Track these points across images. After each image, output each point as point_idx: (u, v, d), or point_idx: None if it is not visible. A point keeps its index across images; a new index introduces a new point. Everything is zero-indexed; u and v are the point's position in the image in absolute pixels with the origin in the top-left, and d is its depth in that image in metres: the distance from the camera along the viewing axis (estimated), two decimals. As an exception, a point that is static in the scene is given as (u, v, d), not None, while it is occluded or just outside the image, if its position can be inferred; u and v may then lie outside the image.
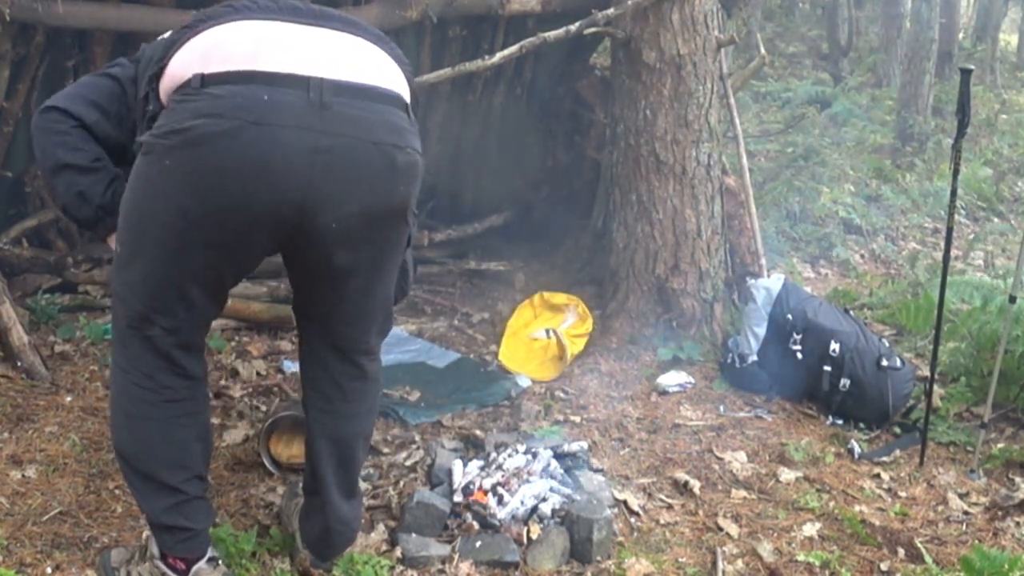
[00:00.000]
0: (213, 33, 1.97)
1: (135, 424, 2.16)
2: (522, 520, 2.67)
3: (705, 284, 4.19)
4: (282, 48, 1.91)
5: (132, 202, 2.01)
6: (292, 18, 1.98)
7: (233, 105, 1.84)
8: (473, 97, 5.06)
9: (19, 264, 4.09)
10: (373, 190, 1.95)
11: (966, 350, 3.92)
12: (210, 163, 1.87)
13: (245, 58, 1.89)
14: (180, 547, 2.22)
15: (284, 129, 1.83)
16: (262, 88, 1.84)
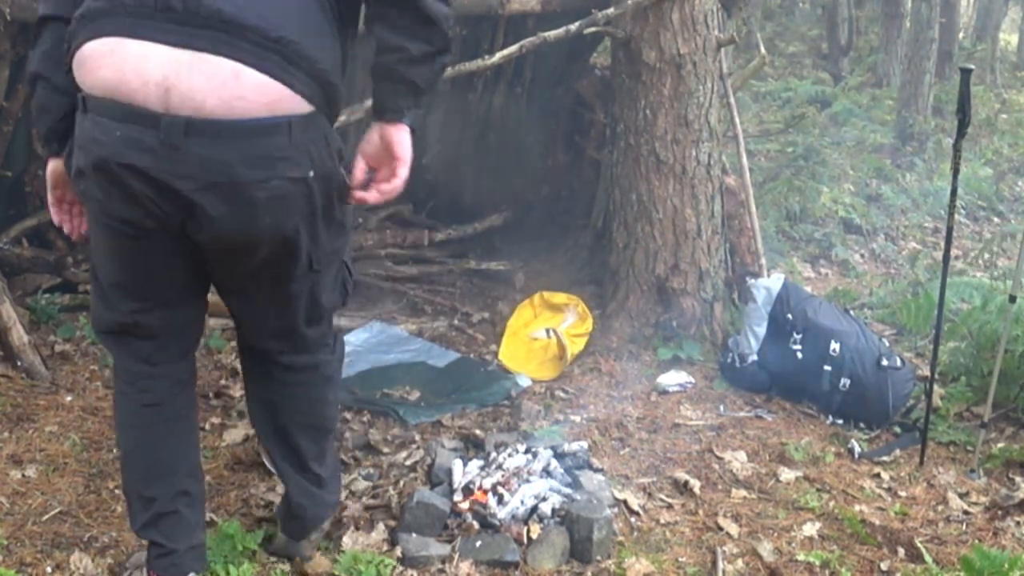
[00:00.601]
0: (92, 45, 1.78)
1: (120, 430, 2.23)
2: (522, 520, 2.67)
3: (705, 284, 4.19)
4: (142, 73, 1.72)
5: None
6: (161, 34, 1.73)
7: (90, 138, 1.80)
8: (473, 97, 5.06)
9: (19, 264, 4.09)
10: (230, 225, 1.87)
11: (966, 350, 3.92)
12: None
13: (109, 84, 1.76)
14: (157, 563, 2.20)
15: (132, 170, 1.77)
16: (115, 123, 1.76)
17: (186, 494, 2.21)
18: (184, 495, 2.21)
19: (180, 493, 2.19)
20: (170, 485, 2.18)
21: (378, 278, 4.89)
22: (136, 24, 1.72)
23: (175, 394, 2.19)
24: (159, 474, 2.17)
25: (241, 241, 1.92)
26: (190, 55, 1.71)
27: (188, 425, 2.26)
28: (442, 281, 5.12)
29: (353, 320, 4.41)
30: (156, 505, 2.16)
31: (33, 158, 4.21)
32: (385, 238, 5.04)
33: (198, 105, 1.71)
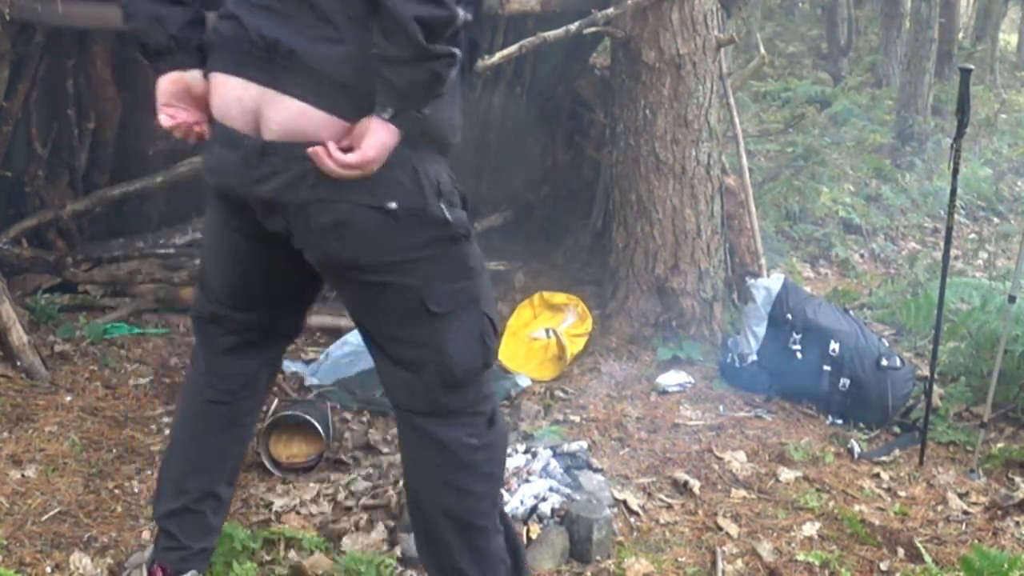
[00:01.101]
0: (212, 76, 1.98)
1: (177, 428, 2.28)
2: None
3: (705, 284, 4.19)
4: (240, 103, 1.90)
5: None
6: (254, 71, 1.89)
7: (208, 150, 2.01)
8: (473, 97, 5.05)
9: (19, 264, 4.08)
10: (309, 243, 1.94)
11: (966, 350, 3.92)
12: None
13: (219, 111, 1.95)
14: (166, 555, 2.20)
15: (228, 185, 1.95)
16: (221, 144, 1.94)
17: (216, 498, 2.23)
18: (214, 498, 2.22)
19: (212, 495, 2.21)
20: (207, 484, 2.20)
21: (378, 278, 4.89)
22: (238, 62, 1.89)
23: (241, 398, 2.21)
24: (200, 471, 2.20)
25: (323, 262, 1.96)
26: (272, 93, 1.84)
27: (243, 433, 2.28)
28: (442, 281, 5.11)
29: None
30: (186, 499, 2.18)
31: (33, 158, 4.22)
32: (385, 238, 5.04)
33: (274, 132, 1.84)
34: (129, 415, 3.33)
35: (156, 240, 4.42)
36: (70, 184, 4.37)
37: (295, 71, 1.82)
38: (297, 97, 1.82)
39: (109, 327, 4.01)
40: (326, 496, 2.84)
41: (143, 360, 3.84)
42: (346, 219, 1.86)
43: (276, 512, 2.74)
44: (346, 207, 1.85)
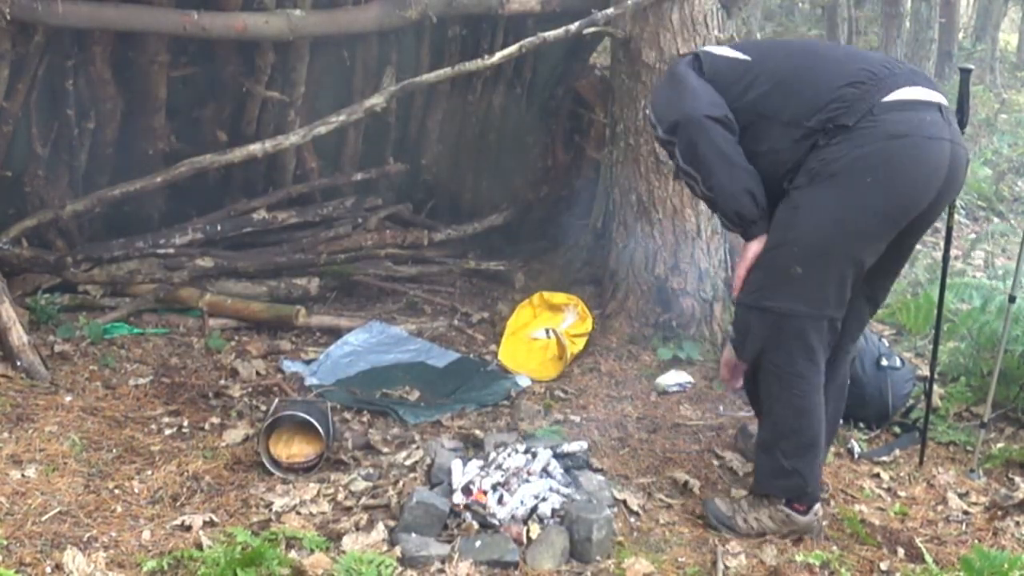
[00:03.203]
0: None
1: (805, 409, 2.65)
2: (522, 520, 2.67)
3: (705, 284, 4.19)
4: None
5: (828, 223, 2.51)
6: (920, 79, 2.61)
7: (911, 124, 2.48)
8: (473, 97, 5.06)
9: (19, 264, 4.09)
10: (957, 184, 2.62)
11: (966, 350, 3.92)
12: (918, 169, 2.49)
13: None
14: (806, 497, 2.70)
15: (942, 141, 2.48)
16: (922, 111, 2.49)
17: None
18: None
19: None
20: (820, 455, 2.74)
21: (378, 278, 4.89)
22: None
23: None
24: (824, 430, 2.71)
25: (948, 201, 2.69)
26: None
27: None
28: (442, 281, 5.12)
29: (353, 320, 4.41)
30: (817, 459, 2.70)
31: (33, 158, 4.22)
32: (385, 238, 5.05)
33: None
34: (129, 415, 3.33)
35: (156, 240, 4.43)
36: (70, 184, 4.38)
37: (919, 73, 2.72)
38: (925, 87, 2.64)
39: (109, 327, 4.02)
40: (326, 496, 2.84)
41: (143, 360, 3.84)
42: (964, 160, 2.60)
43: (276, 512, 2.74)
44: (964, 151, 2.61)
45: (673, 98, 2.67)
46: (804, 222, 2.53)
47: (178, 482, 2.89)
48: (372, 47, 4.57)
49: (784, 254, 2.56)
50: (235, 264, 4.53)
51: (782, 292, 2.57)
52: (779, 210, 2.61)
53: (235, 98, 4.51)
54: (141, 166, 4.37)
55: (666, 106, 2.68)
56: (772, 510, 2.72)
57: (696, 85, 2.63)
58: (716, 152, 2.58)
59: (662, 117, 2.67)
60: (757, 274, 2.63)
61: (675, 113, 2.62)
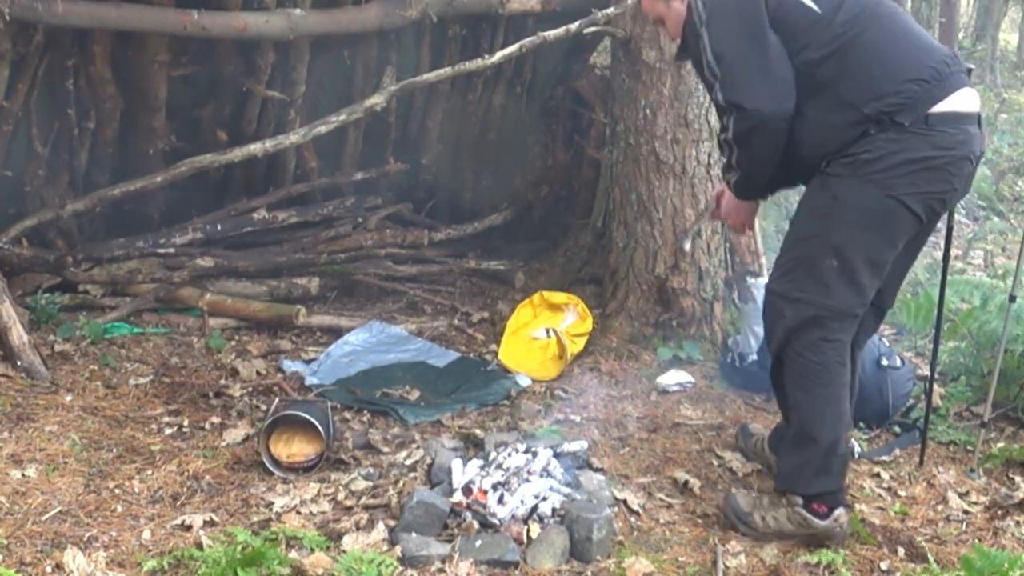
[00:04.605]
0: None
1: (831, 399, 2.65)
2: (522, 519, 2.67)
3: (705, 283, 4.19)
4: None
5: (868, 220, 2.52)
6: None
7: (958, 141, 2.50)
8: (473, 96, 5.06)
9: (19, 263, 4.09)
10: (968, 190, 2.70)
11: (966, 349, 3.92)
12: (950, 182, 2.53)
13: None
14: (829, 497, 2.65)
15: (975, 157, 2.56)
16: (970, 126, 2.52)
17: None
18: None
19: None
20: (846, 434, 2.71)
21: (378, 278, 4.89)
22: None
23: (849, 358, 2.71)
24: (846, 425, 2.71)
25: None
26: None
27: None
28: (442, 281, 5.12)
29: (353, 320, 4.41)
30: (841, 454, 2.66)
31: (33, 158, 4.22)
32: (385, 238, 5.05)
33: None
34: (129, 415, 3.33)
35: (156, 240, 4.43)
36: (70, 184, 4.38)
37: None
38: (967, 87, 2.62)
39: (109, 327, 4.02)
40: (326, 496, 2.84)
41: (143, 360, 3.84)
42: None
43: (276, 512, 2.74)
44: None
45: (742, 50, 2.49)
46: (843, 216, 2.51)
47: (178, 482, 2.89)
48: (372, 47, 4.57)
49: (821, 246, 2.54)
50: (235, 264, 4.53)
51: (816, 284, 2.56)
52: (814, 194, 2.59)
53: (235, 98, 4.52)
54: (141, 166, 4.37)
55: (732, 52, 2.49)
56: (791, 511, 2.69)
57: (773, 53, 2.48)
58: (765, 154, 2.56)
59: (719, 48, 2.49)
60: (790, 263, 2.63)
61: (744, 86, 2.47)
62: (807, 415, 2.67)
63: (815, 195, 2.59)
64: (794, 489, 2.69)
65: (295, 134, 4.03)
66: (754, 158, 2.58)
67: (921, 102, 2.45)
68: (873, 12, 2.53)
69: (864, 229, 2.53)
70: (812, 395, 2.65)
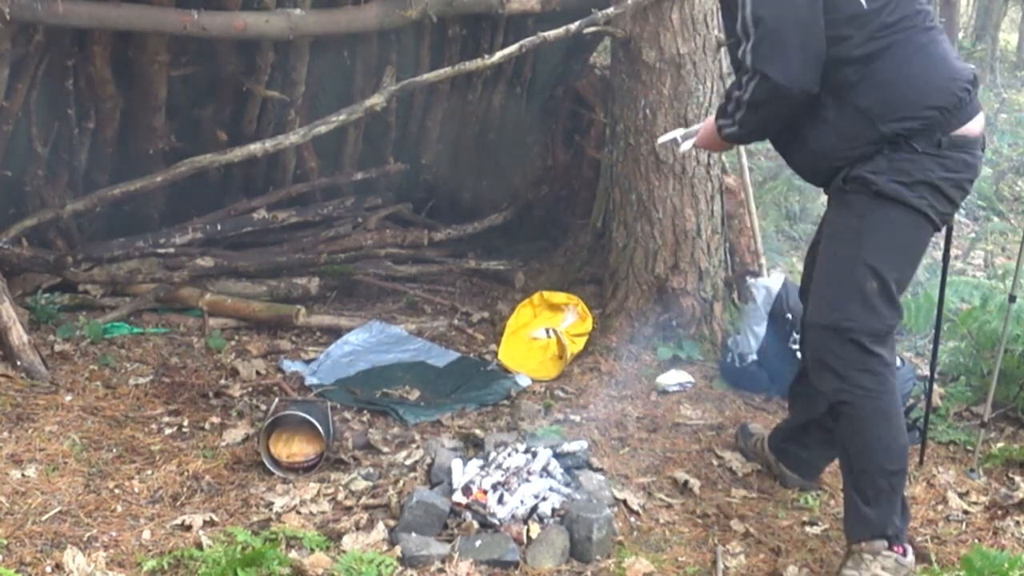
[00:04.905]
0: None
1: (895, 428, 2.51)
2: (522, 519, 2.67)
3: (705, 283, 4.19)
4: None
5: (901, 237, 2.48)
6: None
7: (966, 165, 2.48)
8: (473, 96, 5.06)
9: (19, 263, 4.09)
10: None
11: (966, 349, 3.92)
12: (955, 203, 2.52)
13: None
14: (903, 536, 2.49)
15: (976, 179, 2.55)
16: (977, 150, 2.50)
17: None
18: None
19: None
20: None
21: (378, 278, 4.89)
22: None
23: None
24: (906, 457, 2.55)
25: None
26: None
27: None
28: (442, 281, 5.12)
29: (353, 320, 4.41)
30: (900, 489, 2.49)
31: (33, 158, 4.22)
32: (385, 238, 5.05)
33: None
34: (129, 415, 3.34)
35: (156, 240, 4.43)
36: (70, 184, 4.38)
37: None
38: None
39: (109, 327, 4.02)
40: (326, 496, 2.84)
41: (143, 360, 3.84)
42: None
43: (276, 512, 2.74)
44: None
45: (786, 21, 2.37)
46: (875, 235, 2.45)
47: (178, 482, 2.89)
48: (372, 47, 4.57)
49: (859, 270, 2.45)
50: (235, 264, 4.53)
51: (863, 308, 2.46)
52: (838, 216, 2.54)
53: (235, 98, 4.52)
54: (141, 166, 4.37)
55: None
56: (882, 559, 2.44)
57: (815, 33, 2.38)
58: (773, 124, 2.54)
59: (761, 10, 2.37)
60: (830, 292, 2.53)
61: (777, 58, 2.37)
62: (885, 449, 2.48)
63: (840, 217, 2.53)
64: (884, 534, 2.45)
65: (295, 134, 4.03)
66: (760, 124, 2.55)
67: (938, 128, 2.42)
68: (911, 23, 2.45)
69: (895, 245, 2.48)
70: (889, 427, 2.50)
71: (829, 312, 2.51)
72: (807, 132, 2.51)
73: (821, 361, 2.56)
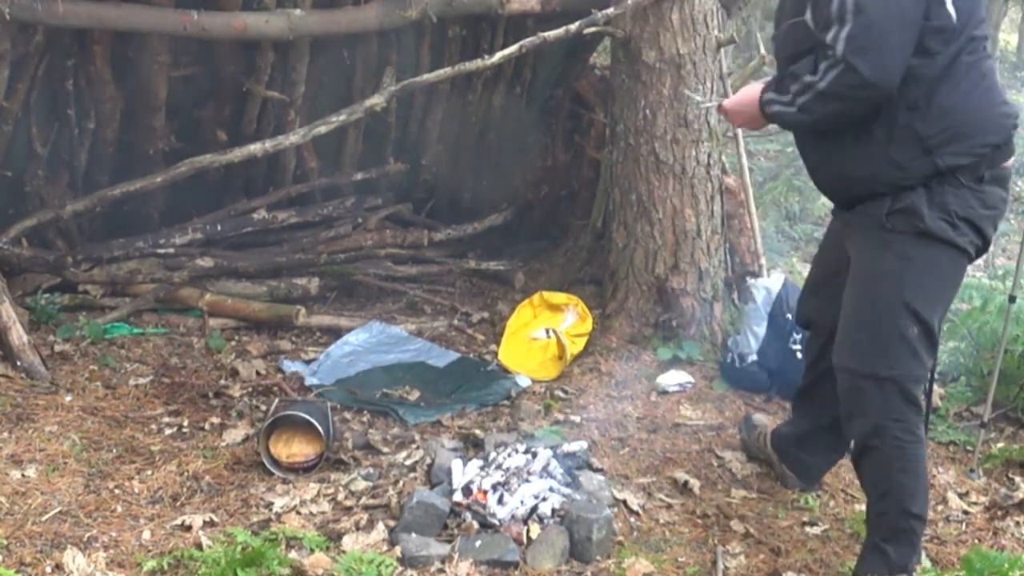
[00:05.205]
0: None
1: (920, 473, 2.45)
2: (522, 520, 2.67)
3: (705, 284, 4.19)
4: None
5: (944, 279, 2.41)
6: None
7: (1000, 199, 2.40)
8: (473, 97, 5.06)
9: (19, 264, 4.09)
10: None
11: (966, 350, 3.92)
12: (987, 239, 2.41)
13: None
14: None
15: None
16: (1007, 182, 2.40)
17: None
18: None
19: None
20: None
21: (378, 278, 4.89)
22: None
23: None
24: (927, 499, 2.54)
25: None
26: None
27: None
28: (442, 281, 5.12)
29: (353, 320, 4.41)
30: (920, 530, 2.48)
31: (33, 158, 4.22)
32: (385, 238, 5.05)
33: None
34: (129, 415, 3.34)
35: (156, 240, 4.43)
36: (70, 184, 4.38)
37: None
38: None
39: (109, 327, 4.02)
40: (326, 496, 2.84)
41: (143, 360, 3.84)
42: None
43: (276, 512, 2.74)
44: None
45: (891, 17, 2.19)
46: (919, 279, 2.35)
47: (178, 482, 2.89)
48: (372, 47, 4.57)
49: (901, 316, 2.34)
50: (235, 264, 4.53)
51: (901, 356, 2.36)
52: (878, 257, 2.39)
53: (235, 98, 4.51)
54: (141, 166, 4.37)
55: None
56: None
57: (911, 37, 2.21)
58: (842, 119, 2.32)
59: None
60: (867, 338, 2.40)
61: (874, 54, 2.18)
62: (910, 496, 2.44)
63: (880, 258, 2.38)
64: (903, 572, 2.45)
65: (295, 134, 4.03)
66: (824, 116, 2.33)
67: (984, 165, 2.32)
68: (981, 46, 2.32)
69: (937, 287, 2.39)
70: (915, 475, 2.43)
71: (868, 359, 2.39)
72: (849, 148, 2.37)
73: (855, 408, 2.46)
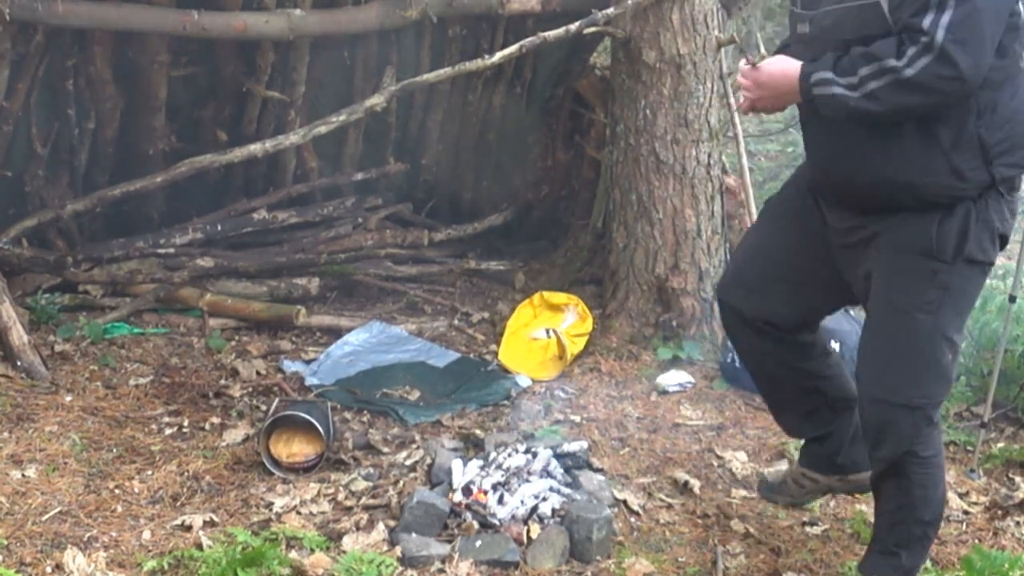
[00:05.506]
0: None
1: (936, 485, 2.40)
2: (522, 520, 2.67)
3: (705, 283, 4.19)
4: None
5: (973, 302, 2.35)
6: None
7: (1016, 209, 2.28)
8: (473, 97, 5.06)
9: (19, 264, 4.08)
10: None
11: (966, 350, 3.92)
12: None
13: None
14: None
15: None
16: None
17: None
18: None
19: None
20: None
21: (378, 278, 4.89)
22: None
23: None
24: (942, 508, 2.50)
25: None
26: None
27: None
28: (442, 281, 5.12)
29: (353, 320, 4.41)
30: (933, 537, 2.46)
31: (33, 158, 4.22)
32: (385, 238, 5.05)
33: None
34: (129, 415, 3.34)
35: (156, 240, 4.43)
36: (70, 184, 4.38)
37: None
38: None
39: (109, 327, 4.02)
40: (326, 496, 2.84)
41: (143, 360, 3.84)
42: None
43: (276, 512, 2.74)
44: None
45: (992, 9, 1.99)
46: (956, 305, 2.25)
47: (178, 482, 2.89)
48: (372, 47, 4.57)
49: (939, 346, 2.25)
50: (235, 264, 4.53)
51: (933, 383, 2.28)
52: (919, 288, 2.22)
53: (235, 98, 4.51)
54: (141, 166, 4.37)
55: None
56: None
57: (999, 31, 2.02)
58: (919, 111, 2.06)
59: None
60: (902, 367, 2.28)
61: (973, 46, 1.95)
62: (932, 506, 2.40)
63: (924, 291, 2.22)
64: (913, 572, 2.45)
65: (295, 134, 4.03)
66: (898, 109, 2.05)
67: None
68: None
69: (968, 307, 2.34)
70: (935, 485, 2.39)
71: (902, 390, 2.29)
72: (903, 150, 2.13)
73: (882, 436, 2.35)
